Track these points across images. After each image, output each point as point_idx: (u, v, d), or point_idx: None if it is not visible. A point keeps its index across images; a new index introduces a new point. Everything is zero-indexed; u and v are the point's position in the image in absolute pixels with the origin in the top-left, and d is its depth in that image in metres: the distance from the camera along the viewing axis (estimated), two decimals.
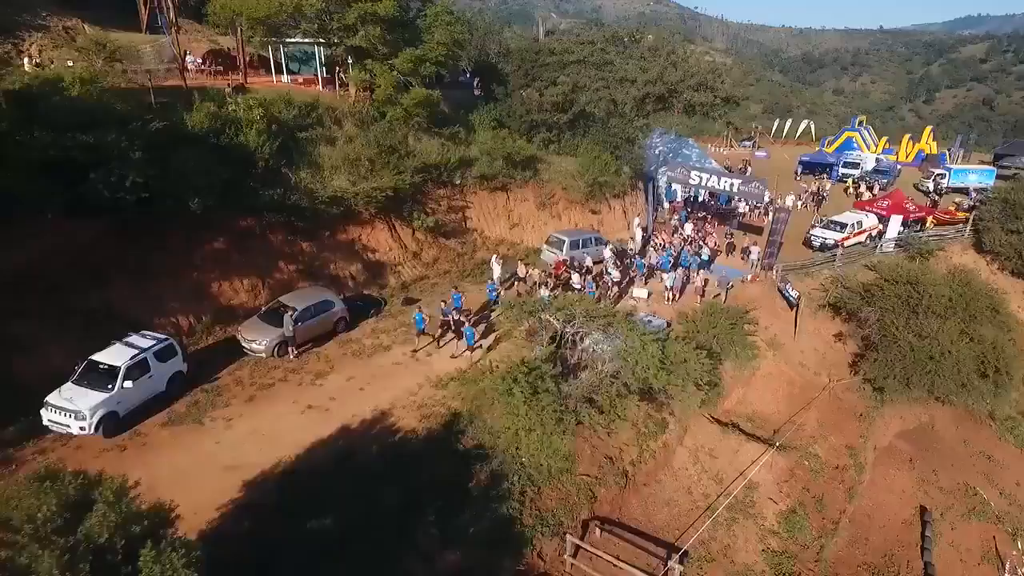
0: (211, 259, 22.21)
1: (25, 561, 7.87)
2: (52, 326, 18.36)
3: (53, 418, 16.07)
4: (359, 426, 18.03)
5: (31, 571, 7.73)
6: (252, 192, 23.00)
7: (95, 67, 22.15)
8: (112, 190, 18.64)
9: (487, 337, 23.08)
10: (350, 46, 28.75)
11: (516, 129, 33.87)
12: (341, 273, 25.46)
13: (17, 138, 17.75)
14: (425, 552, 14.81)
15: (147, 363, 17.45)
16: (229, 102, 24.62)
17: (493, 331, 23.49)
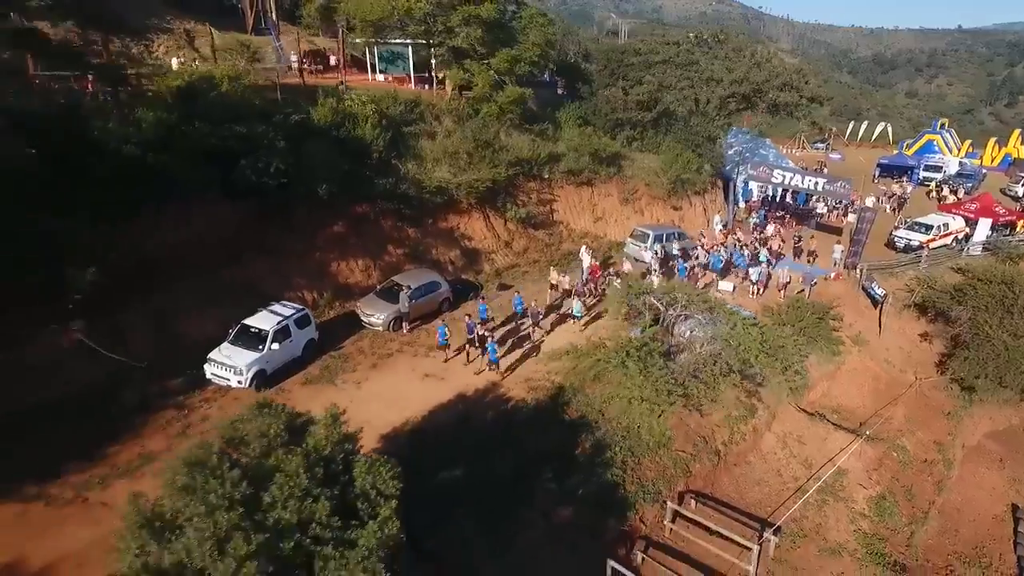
0: (332, 241, 24.35)
1: (274, 463, 9.68)
2: (204, 295, 20.72)
3: (215, 372, 18.30)
4: (473, 394, 19.68)
5: (279, 469, 9.51)
6: (368, 181, 25.04)
7: (238, 66, 24.62)
8: (258, 176, 20.90)
9: (515, 351, 22.25)
10: (451, 46, 30.59)
11: (601, 127, 35.13)
12: (442, 258, 27.29)
13: (182, 129, 20.16)
14: (542, 507, 16.27)
15: (289, 329, 19.56)
16: (345, 98, 26.76)
17: (524, 344, 22.70)
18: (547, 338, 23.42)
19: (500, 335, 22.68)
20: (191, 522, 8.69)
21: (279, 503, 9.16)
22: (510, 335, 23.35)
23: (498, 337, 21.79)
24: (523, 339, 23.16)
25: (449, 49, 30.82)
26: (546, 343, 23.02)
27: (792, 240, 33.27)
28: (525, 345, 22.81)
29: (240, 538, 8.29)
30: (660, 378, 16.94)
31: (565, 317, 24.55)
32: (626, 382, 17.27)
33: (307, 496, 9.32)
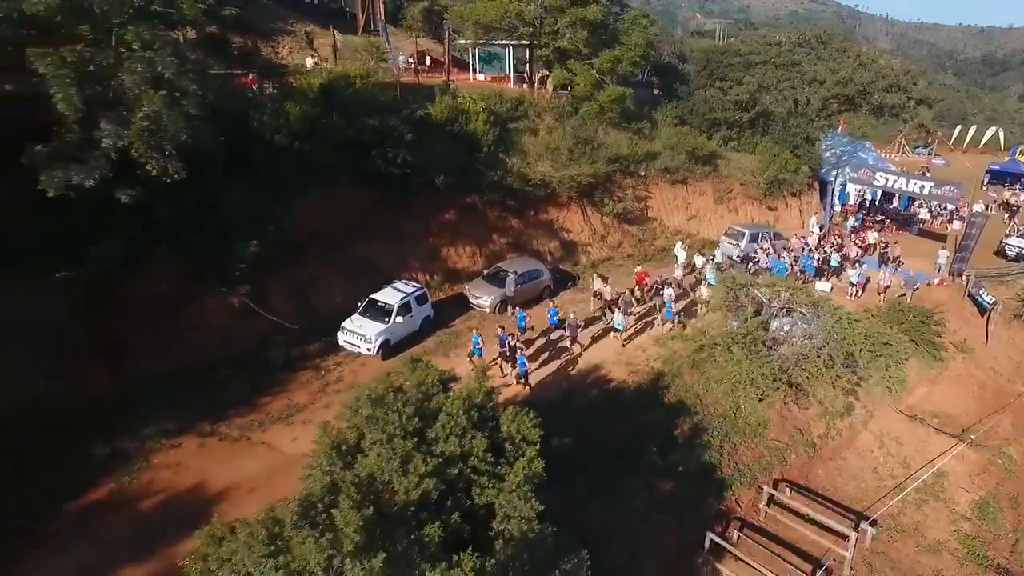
0: (444, 227, 26.24)
1: (436, 405, 11.29)
2: (333, 270, 23.00)
3: (348, 339, 20.41)
4: (576, 374, 20.98)
5: (441, 410, 11.10)
6: (478, 173, 26.75)
7: (368, 65, 26.93)
8: (386, 165, 22.96)
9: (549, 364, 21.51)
10: (556, 47, 31.97)
11: (697, 126, 35.62)
12: (542, 248, 28.71)
13: (323, 121, 22.45)
14: (646, 478, 17.37)
15: (410, 305, 21.46)
16: (458, 96, 28.63)
17: (561, 357, 21.69)
18: (585, 353, 21.96)
19: (534, 349, 21.74)
20: (374, 446, 10.38)
21: (442, 438, 10.73)
22: (547, 347, 22.30)
23: (531, 351, 20.53)
24: (559, 353, 21.91)
25: (554, 50, 32.18)
26: (584, 358, 21.77)
27: (879, 246, 32.65)
28: (562, 358, 21.63)
29: (419, 460, 9.89)
30: (766, 363, 17.64)
31: (608, 330, 23.12)
32: (730, 367, 18.04)
33: (465, 434, 10.87)
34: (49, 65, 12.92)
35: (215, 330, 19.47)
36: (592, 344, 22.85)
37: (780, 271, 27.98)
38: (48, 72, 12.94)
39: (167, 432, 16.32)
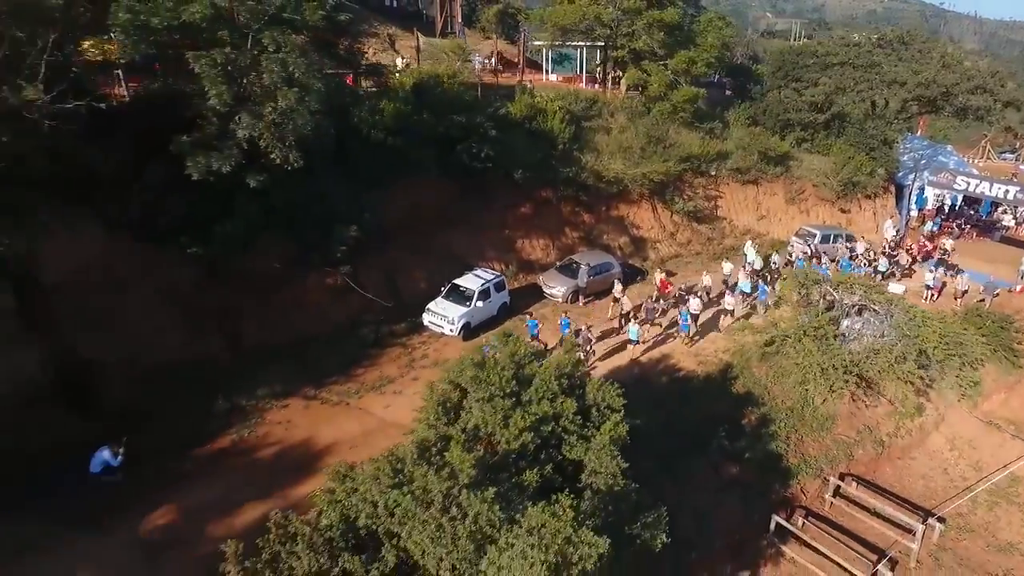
0: (519, 220, 27.59)
1: (530, 372, 12.56)
2: (417, 256, 24.68)
3: (432, 320, 22.00)
4: (647, 361, 21.90)
5: (535, 377, 12.36)
6: (553, 169, 27.93)
7: (454, 66, 28.59)
8: (470, 159, 24.45)
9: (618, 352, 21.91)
10: (631, 48, 32.82)
11: (770, 127, 35.70)
12: (612, 243, 29.67)
13: (414, 118, 24.13)
14: (713, 461, 18.18)
15: (489, 291, 22.87)
16: (536, 95, 29.92)
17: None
18: (600, 364, 21.40)
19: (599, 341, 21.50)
20: (477, 404, 11.73)
21: (535, 400, 11.98)
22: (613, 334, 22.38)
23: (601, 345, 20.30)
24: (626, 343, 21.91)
25: (629, 51, 33.02)
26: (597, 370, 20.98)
27: (939, 252, 31.88)
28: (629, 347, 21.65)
29: (519, 415, 11.18)
30: (837, 355, 18.13)
31: (626, 342, 22.35)
32: (800, 358, 18.59)
33: (556, 397, 12.09)
34: (204, 65, 14.94)
35: (315, 307, 21.43)
36: (609, 356, 22.12)
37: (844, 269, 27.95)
38: (203, 71, 14.96)
39: (276, 394, 18.26)
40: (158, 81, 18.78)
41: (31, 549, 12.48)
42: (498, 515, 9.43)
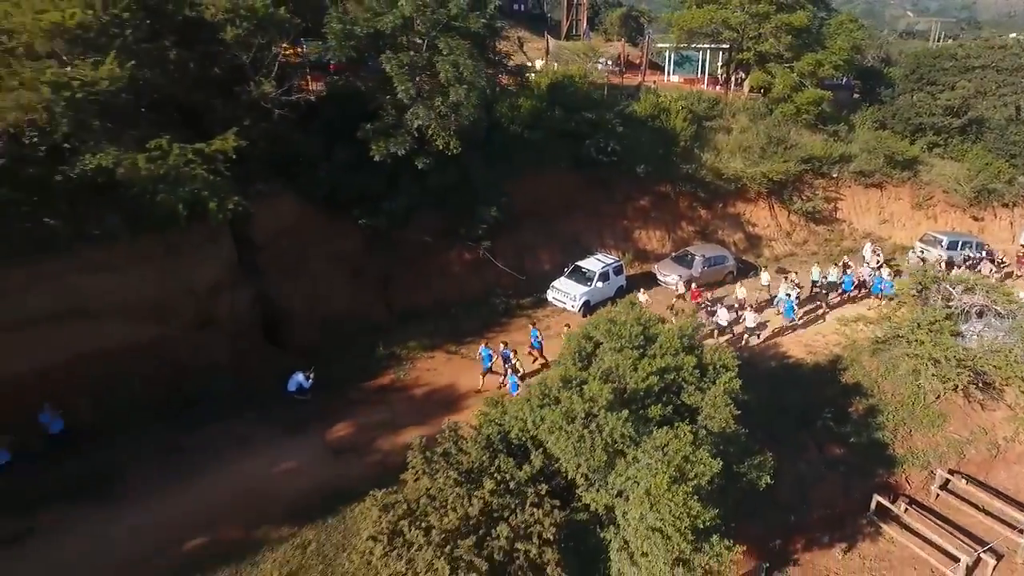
0: (638, 212, 29.42)
1: (655, 332, 14.57)
2: (542, 238, 27.16)
3: (555, 296, 24.39)
4: (756, 347, 23.10)
5: (659, 336, 14.35)
6: (673, 165, 29.50)
7: (585, 66, 30.90)
8: (597, 153, 26.60)
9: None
10: (757, 51, 33.60)
11: (899, 131, 35.13)
12: (727, 239, 30.77)
13: (548, 114, 26.62)
14: (818, 440, 19.30)
15: (608, 274, 24.93)
16: (661, 95, 31.55)
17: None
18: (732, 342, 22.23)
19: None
20: (611, 351, 13.91)
21: (659, 354, 13.98)
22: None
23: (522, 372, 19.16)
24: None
25: (755, 53, 33.81)
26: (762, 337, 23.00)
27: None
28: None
29: (647, 362, 13.27)
30: (950, 347, 18.63)
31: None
32: (912, 349, 19.21)
33: (677, 353, 14.04)
34: (394, 65, 18.19)
35: (456, 277, 24.46)
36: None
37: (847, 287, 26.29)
38: (393, 70, 18.22)
39: (424, 346, 21.31)
40: (340, 80, 22.53)
41: (248, 442, 16.10)
42: (629, 432, 11.61)
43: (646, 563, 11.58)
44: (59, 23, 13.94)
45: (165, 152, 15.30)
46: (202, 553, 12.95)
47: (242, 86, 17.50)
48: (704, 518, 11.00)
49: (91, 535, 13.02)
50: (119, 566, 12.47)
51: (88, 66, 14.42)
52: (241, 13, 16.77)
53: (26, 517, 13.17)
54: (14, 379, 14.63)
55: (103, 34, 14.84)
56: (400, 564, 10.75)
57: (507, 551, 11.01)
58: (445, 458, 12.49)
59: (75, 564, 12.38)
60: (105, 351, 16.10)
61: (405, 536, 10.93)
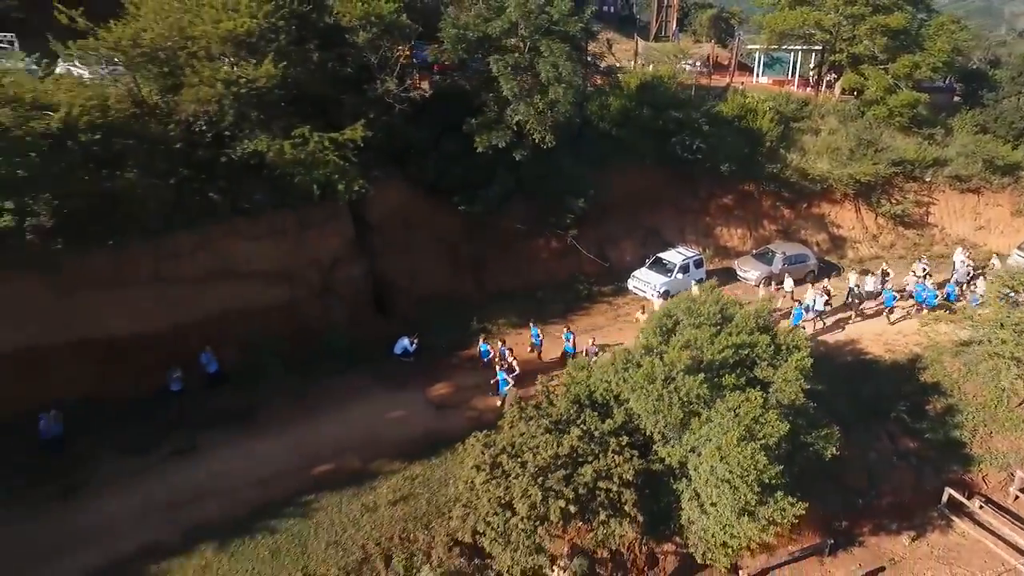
0: (720, 209, 30.25)
1: (731, 312, 15.81)
2: (624, 231, 28.55)
3: (636, 285, 25.74)
4: (834, 343, 23.60)
5: (735, 316, 15.58)
6: (758, 164, 30.08)
7: (673, 68, 32.03)
8: (682, 150, 27.69)
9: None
10: (850, 53, 33.51)
11: (1001, 135, 34.04)
12: (809, 239, 31.03)
13: (636, 113, 27.98)
14: (890, 431, 19.81)
15: (688, 267, 25.99)
16: (748, 96, 32.16)
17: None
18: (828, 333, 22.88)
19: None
20: (690, 326, 15.29)
21: (735, 332, 15.23)
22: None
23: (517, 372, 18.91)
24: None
25: (847, 55, 33.73)
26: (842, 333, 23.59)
27: None
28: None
29: (723, 336, 14.58)
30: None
31: None
32: (994, 348, 19.33)
33: (752, 332, 15.24)
34: (500, 66, 20.24)
35: (542, 263, 26.30)
36: None
37: (919, 297, 25.36)
38: (499, 71, 20.27)
39: (512, 324, 23.22)
40: (446, 79, 24.85)
41: (362, 393, 18.50)
42: (704, 393, 13.03)
43: (714, 512, 12.97)
44: (232, 30, 16.73)
45: (306, 139, 17.92)
46: (328, 476, 15.36)
47: (369, 83, 19.98)
48: (770, 473, 12.28)
49: (239, 454, 15.71)
50: (261, 479, 15.04)
51: (250, 66, 17.19)
52: (371, 20, 19.25)
53: (191, 436, 16.06)
54: (181, 326, 17.70)
55: (262, 39, 17.58)
56: (499, 490, 12.65)
57: (590, 488, 12.68)
58: (537, 409, 14.31)
59: (227, 473, 15.05)
60: (248, 308, 19.01)
61: (504, 467, 12.81)
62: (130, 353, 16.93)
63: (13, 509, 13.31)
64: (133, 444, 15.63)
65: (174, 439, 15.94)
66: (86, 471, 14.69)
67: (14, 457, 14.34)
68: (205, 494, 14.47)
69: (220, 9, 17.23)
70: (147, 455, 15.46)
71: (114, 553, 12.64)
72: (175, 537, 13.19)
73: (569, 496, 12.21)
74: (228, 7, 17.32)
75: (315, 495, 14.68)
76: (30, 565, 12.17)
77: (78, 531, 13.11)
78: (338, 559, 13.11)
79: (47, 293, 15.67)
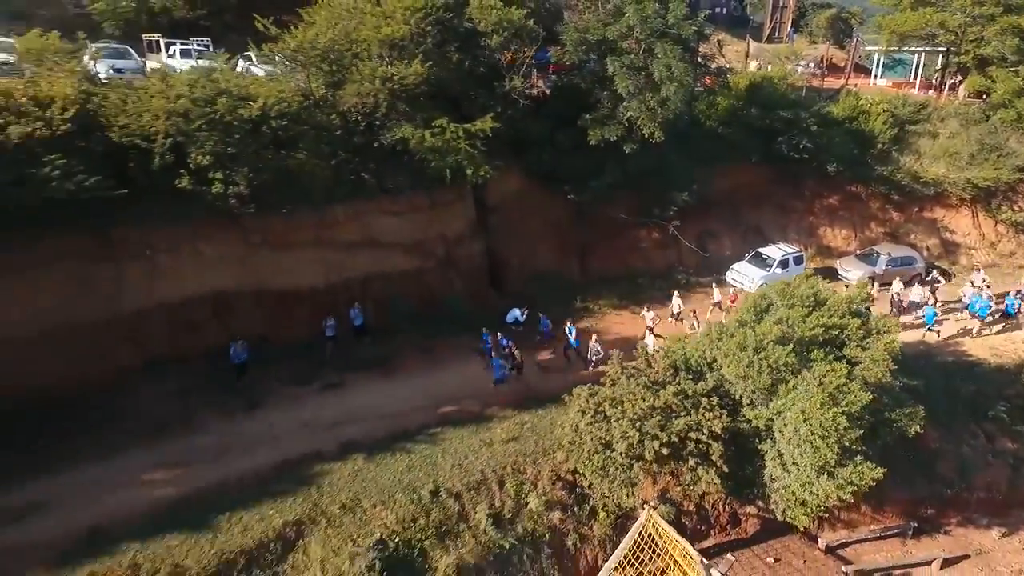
0: (824, 209, 30.62)
1: (824, 297, 16.92)
2: (725, 227, 29.59)
3: (735, 277, 26.79)
4: (933, 343, 23.64)
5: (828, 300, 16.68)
6: (867, 166, 30.09)
7: (786, 68, 32.59)
8: (789, 150, 28.37)
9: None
10: (976, 55, 32.55)
11: None
12: (919, 243, 30.64)
13: (743, 112, 28.94)
14: (987, 429, 19.97)
15: (788, 262, 26.69)
16: (862, 97, 32.11)
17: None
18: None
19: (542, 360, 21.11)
20: (784, 306, 16.58)
21: (826, 315, 16.35)
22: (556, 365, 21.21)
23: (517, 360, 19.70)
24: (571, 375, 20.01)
25: (973, 56, 32.76)
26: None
27: None
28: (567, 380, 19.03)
29: (815, 316, 15.80)
30: None
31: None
32: None
33: (844, 316, 16.31)
34: (617, 66, 22.24)
35: (642, 252, 28.00)
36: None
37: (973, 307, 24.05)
38: (616, 70, 22.27)
39: (612, 305, 25.11)
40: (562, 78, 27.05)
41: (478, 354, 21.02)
42: (792, 361, 14.42)
43: (795, 470, 14.37)
44: (390, 35, 19.77)
45: (443, 129, 20.71)
46: (451, 415, 17.97)
47: (498, 81, 22.54)
48: (850, 437, 13.54)
49: (377, 391, 18.66)
50: (395, 412, 17.80)
51: (402, 65, 20.17)
52: (503, 25, 21.78)
53: (339, 375, 19.23)
54: (333, 284, 21.02)
55: (412, 42, 20.54)
56: (600, 431, 14.68)
57: (682, 437, 14.42)
58: (636, 370, 16.19)
59: (368, 405, 17.96)
60: (385, 273, 22.12)
61: (606, 413, 14.83)
62: (294, 303, 20.39)
63: (215, 415, 16.92)
64: (294, 377, 18.97)
65: (326, 375, 19.17)
66: (261, 393, 18.13)
67: (214, 378, 18.00)
68: (351, 419, 17.45)
69: (380, 17, 20.36)
70: (305, 386, 18.75)
71: (287, 454, 15.80)
72: (333, 447, 16.20)
73: (663, 439, 14.02)
74: (386, 15, 20.42)
75: (440, 429, 17.30)
76: (230, 455, 15.55)
77: (259, 435, 16.45)
78: (462, 477, 15.61)
79: (238, 249, 19.36)
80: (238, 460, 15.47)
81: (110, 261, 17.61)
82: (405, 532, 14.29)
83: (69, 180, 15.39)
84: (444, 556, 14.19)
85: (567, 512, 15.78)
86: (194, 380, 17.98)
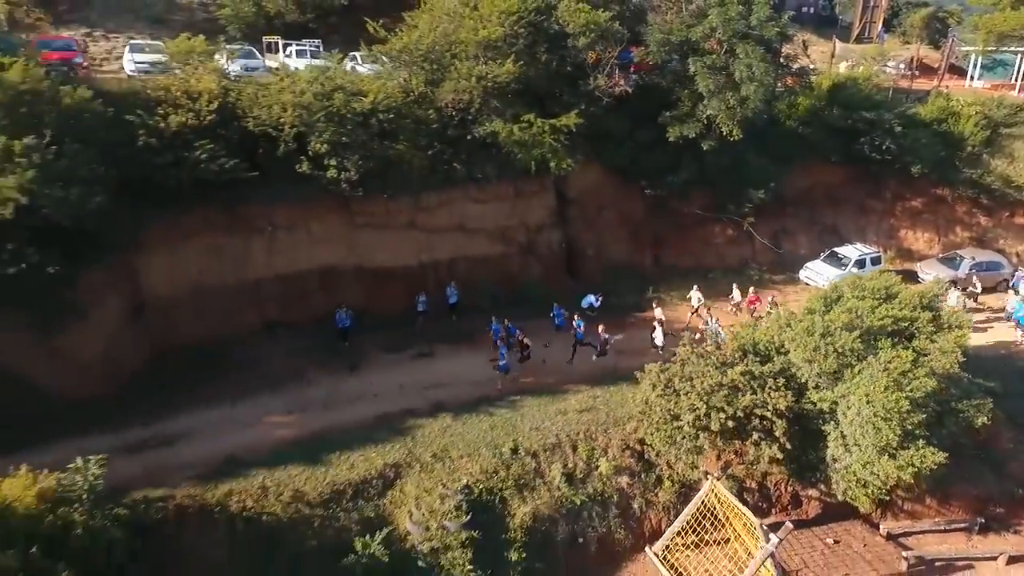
0: (906, 211, 30.32)
1: (896, 291, 17.41)
2: (801, 225, 29.84)
3: (808, 276, 27.10)
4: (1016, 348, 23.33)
5: (899, 295, 17.18)
6: (955, 168, 29.51)
7: (872, 69, 32.33)
8: (870, 150, 28.31)
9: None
10: None
11: None
12: (1008, 249, 29.83)
13: (823, 112, 29.06)
14: None
15: (865, 262, 26.71)
16: (952, 99, 31.41)
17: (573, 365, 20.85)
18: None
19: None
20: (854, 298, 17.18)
21: (897, 307, 16.86)
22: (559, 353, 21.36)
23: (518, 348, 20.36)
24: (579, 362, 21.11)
25: None
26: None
27: None
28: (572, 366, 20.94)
29: (884, 307, 16.39)
30: None
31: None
32: None
33: (915, 308, 16.79)
34: (699, 66, 23.26)
35: (716, 247, 28.72)
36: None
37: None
38: (698, 70, 23.29)
39: (683, 297, 25.94)
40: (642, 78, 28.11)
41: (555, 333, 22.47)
42: (858, 347, 15.16)
43: (857, 451, 15.10)
44: (486, 37, 21.55)
45: (531, 124, 22.31)
46: (529, 386, 19.59)
47: (583, 80, 23.96)
48: (912, 420, 14.18)
49: (463, 361, 20.56)
50: (479, 380, 19.59)
51: (495, 65, 21.91)
52: (590, 26, 23.17)
53: (429, 346, 21.23)
54: (424, 265, 23.16)
55: (506, 43, 22.24)
56: (670, 403, 15.88)
57: (747, 413, 15.42)
58: (706, 351, 17.26)
59: (455, 373, 19.86)
60: (471, 256, 24.02)
61: (675, 387, 16.02)
62: (389, 279, 22.59)
63: (323, 372, 19.27)
64: (389, 345, 21.12)
65: (418, 345, 21.22)
66: (361, 357, 20.35)
67: (319, 341, 20.39)
68: (440, 384, 19.39)
69: (477, 20, 22.19)
70: (399, 353, 20.87)
71: (386, 409, 17.91)
72: (424, 406, 18.16)
73: (729, 413, 15.08)
74: (483, 18, 22.23)
75: (519, 397, 18.96)
76: (337, 407, 17.82)
77: (361, 393, 18.64)
78: (539, 439, 17.18)
79: (344, 229, 21.72)
80: (344, 411, 17.68)
81: (238, 235, 20.31)
82: (488, 481, 16.00)
83: (214, 163, 18.05)
84: (522, 505, 15.81)
85: (634, 478, 17.07)
86: (303, 342, 20.46)
